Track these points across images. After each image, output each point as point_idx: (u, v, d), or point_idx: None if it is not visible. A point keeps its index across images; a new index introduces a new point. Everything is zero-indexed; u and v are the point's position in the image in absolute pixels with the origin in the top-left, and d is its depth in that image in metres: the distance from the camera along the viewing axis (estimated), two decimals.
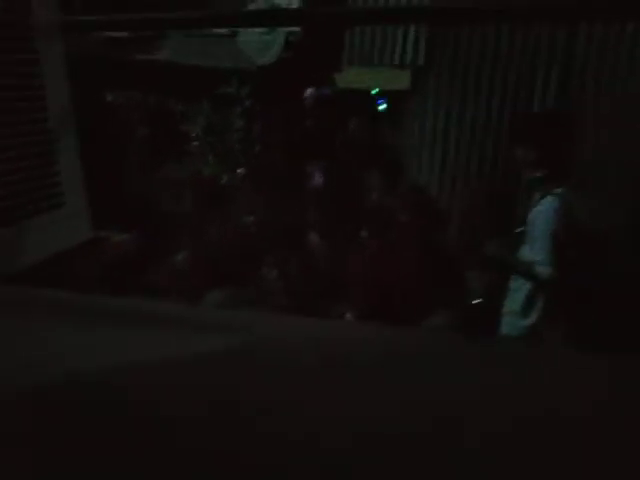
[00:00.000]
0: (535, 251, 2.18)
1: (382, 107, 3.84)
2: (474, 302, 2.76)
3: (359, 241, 3.17)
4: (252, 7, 3.82)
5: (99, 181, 2.36)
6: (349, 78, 3.93)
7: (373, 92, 3.87)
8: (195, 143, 3.82)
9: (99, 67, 3.85)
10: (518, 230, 2.39)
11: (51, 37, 1.62)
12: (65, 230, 1.69)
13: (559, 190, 2.18)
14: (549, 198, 2.19)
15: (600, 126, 3.45)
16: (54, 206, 1.62)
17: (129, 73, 3.90)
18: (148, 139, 3.92)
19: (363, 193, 3.37)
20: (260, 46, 3.68)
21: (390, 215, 2.89)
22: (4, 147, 1.46)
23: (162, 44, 3.89)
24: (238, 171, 3.89)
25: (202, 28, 3.61)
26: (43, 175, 1.59)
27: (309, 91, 3.83)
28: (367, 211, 3.20)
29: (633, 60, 3.39)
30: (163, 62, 3.86)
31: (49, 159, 1.63)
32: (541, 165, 2.22)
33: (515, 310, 2.30)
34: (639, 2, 1.30)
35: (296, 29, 3.78)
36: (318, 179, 3.82)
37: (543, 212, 2.18)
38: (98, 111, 3.88)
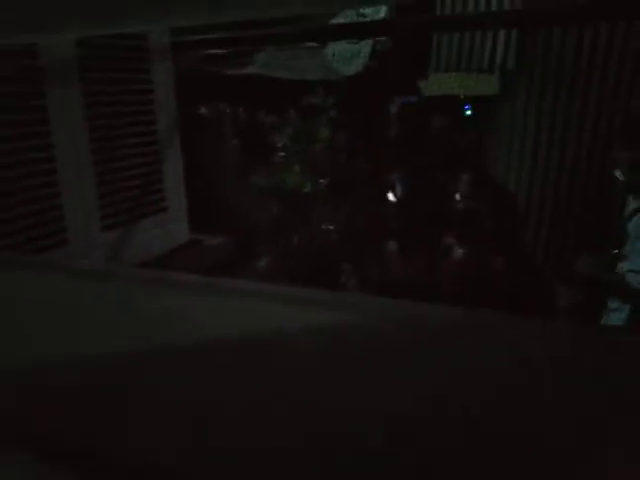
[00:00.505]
0: (636, 263, 2.04)
1: (468, 112, 3.76)
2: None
3: (443, 249, 3.12)
4: (340, 19, 3.90)
5: (194, 188, 2.49)
6: (435, 85, 3.89)
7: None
8: (281, 153, 3.94)
9: (194, 82, 4.09)
10: (615, 252, 2.23)
11: (162, 56, 1.76)
12: (167, 232, 1.82)
13: None
14: None
15: None
16: (159, 210, 1.75)
17: (221, 87, 4.11)
18: (239, 150, 4.10)
19: (447, 200, 3.31)
20: (347, 56, 3.74)
21: (476, 221, 2.81)
22: (118, 156, 1.60)
23: (252, 59, 4.06)
24: (321, 181, 3.97)
25: (293, 43, 3.73)
26: (150, 181, 1.73)
27: (395, 100, 3.84)
28: (452, 217, 3.14)
29: None
30: (253, 76, 4.03)
31: (156, 167, 1.76)
32: None
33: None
34: None
35: (383, 38, 3.81)
36: (401, 189, 3.81)
37: None
38: (194, 123, 4.11)
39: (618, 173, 2.21)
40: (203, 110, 4.35)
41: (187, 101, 4.19)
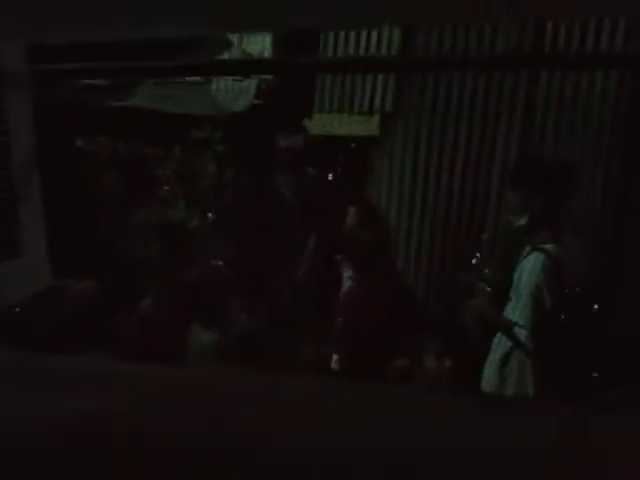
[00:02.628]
0: (517, 311, 2.02)
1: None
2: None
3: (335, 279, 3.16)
4: (226, 56, 3.92)
5: (69, 228, 2.32)
6: (320, 124, 4.01)
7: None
8: (166, 187, 3.81)
9: (72, 114, 3.86)
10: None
11: (19, 85, 1.62)
12: (24, 278, 1.64)
13: (548, 246, 1.97)
14: (536, 254, 1.99)
15: None
16: (13, 255, 1.58)
17: (102, 119, 3.92)
18: (119, 184, 3.90)
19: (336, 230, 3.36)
20: (233, 93, 3.75)
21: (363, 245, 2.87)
22: None
23: (134, 91, 3.93)
24: (209, 215, 3.89)
25: (178, 77, 3.67)
26: (2, 224, 1.56)
27: (282, 138, 3.90)
28: (344, 242, 3.18)
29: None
30: (135, 108, 3.89)
31: (10, 207, 1.60)
32: (533, 215, 2.01)
33: (495, 363, 2.15)
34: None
35: (268, 77, 3.87)
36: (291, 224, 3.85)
37: (529, 270, 1.99)
38: (70, 157, 3.87)
39: (511, 217, 2.11)
40: (81, 143, 4.11)
41: (63, 133, 3.94)
